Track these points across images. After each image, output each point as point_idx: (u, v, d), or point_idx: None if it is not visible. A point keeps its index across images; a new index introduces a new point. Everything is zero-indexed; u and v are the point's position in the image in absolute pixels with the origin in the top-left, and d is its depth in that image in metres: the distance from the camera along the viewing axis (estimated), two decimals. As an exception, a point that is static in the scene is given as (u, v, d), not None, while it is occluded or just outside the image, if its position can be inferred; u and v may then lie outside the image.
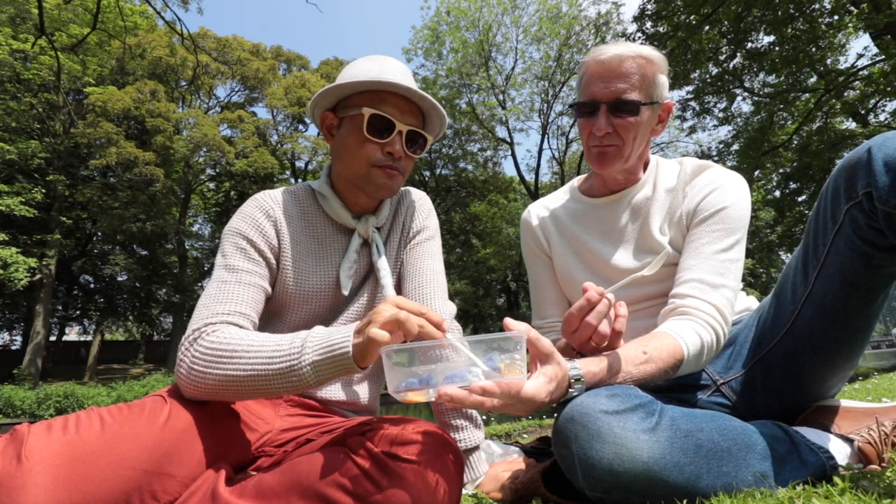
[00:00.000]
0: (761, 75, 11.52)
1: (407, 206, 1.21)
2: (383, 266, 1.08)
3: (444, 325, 0.71)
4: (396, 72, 1.05)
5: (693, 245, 1.04)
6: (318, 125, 1.11)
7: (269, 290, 1.00)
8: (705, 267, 1.00)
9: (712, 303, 0.95)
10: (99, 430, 0.71)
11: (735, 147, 13.18)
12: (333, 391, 1.08)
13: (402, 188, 1.23)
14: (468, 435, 1.01)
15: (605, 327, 0.81)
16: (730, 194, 1.06)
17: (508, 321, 0.73)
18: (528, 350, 0.73)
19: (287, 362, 0.75)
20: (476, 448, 1.02)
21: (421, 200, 1.24)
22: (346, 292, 1.05)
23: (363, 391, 1.13)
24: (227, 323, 0.86)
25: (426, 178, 25.26)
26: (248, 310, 0.91)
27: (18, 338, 24.00)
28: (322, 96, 1.04)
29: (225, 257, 0.97)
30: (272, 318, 1.07)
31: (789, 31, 9.33)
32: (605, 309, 0.80)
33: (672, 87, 11.97)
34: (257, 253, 0.99)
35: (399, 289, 1.16)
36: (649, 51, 1.07)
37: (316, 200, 1.12)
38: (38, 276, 16.76)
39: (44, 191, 16.67)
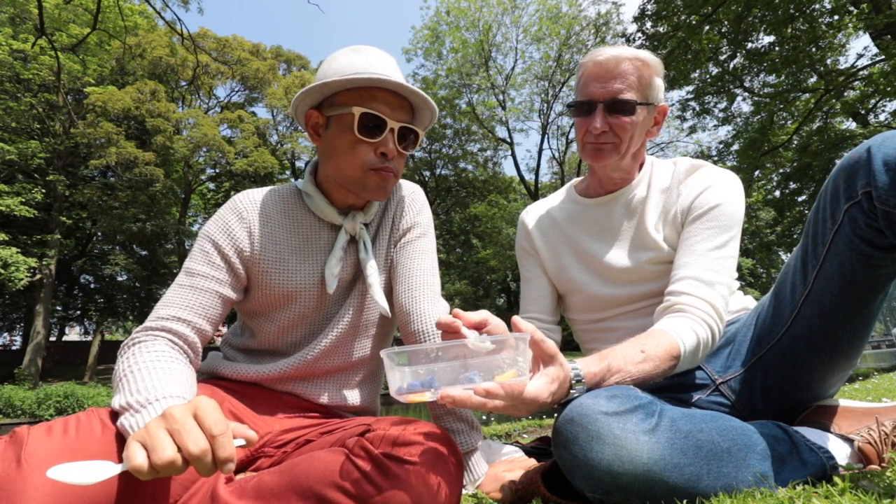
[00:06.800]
0: (761, 75, 11.51)
1: (397, 200, 1.16)
2: (371, 265, 1.04)
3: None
4: (383, 64, 0.99)
5: (687, 243, 1.06)
6: (303, 124, 1.05)
7: (234, 295, 1.00)
8: (700, 264, 1.01)
9: (707, 300, 0.96)
10: (99, 433, 0.70)
11: (735, 147, 13.17)
12: (332, 393, 1.07)
13: None
14: (466, 439, 1.00)
15: None
16: (723, 192, 1.07)
17: (517, 320, 0.73)
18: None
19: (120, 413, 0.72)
20: (475, 450, 1.02)
21: (413, 195, 1.18)
22: (330, 291, 1.02)
23: (363, 392, 1.12)
24: (163, 329, 0.88)
25: (426, 178, 25.25)
26: (192, 315, 0.92)
27: (18, 338, 24.02)
28: (307, 94, 0.98)
29: (189, 259, 0.99)
30: (259, 318, 1.06)
31: (789, 31, 9.32)
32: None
33: (672, 87, 12.07)
34: (221, 258, 0.99)
35: (390, 290, 1.13)
36: (646, 54, 1.10)
37: (301, 199, 1.09)
38: (38, 276, 16.75)
39: (44, 191, 16.64)
